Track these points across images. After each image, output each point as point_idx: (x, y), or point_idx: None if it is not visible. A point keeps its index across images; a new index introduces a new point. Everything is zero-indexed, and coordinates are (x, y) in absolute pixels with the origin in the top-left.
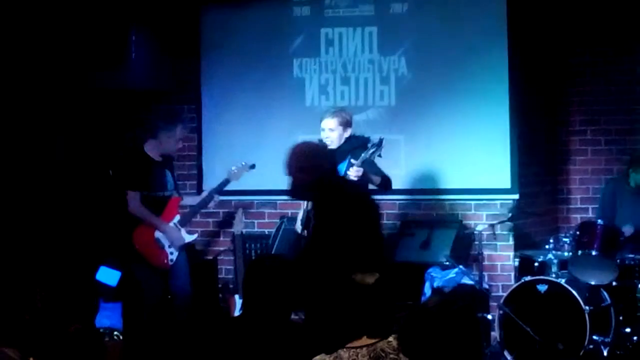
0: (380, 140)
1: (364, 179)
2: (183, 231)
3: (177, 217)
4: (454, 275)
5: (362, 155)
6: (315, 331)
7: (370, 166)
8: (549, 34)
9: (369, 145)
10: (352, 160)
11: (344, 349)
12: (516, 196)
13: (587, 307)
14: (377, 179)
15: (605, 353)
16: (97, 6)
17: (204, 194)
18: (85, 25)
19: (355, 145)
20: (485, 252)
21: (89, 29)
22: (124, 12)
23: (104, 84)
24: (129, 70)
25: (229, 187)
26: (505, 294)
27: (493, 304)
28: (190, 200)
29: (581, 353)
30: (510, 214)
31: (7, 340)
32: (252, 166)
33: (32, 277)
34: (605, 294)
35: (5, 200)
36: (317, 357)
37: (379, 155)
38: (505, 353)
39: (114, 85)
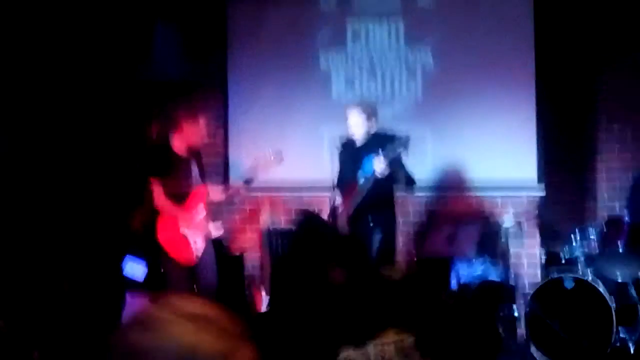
0: (407, 138)
1: (389, 176)
2: (208, 225)
3: (203, 210)
4: (480, 270)
5: (389, 152)
6: (342, 326)
7: (397, 164)
8: (576, 28)
9: (396, 142)
10: (380, 156)
11: (371, 345)
12: (543, 192)
13: (613, 304)
14: (402, 178)
15: (632, 350)
16: None
17: (231, 190)
18: (112, 18)
19: (382, 140)
20: (512, 248)
21: (115, 22)
22: (150, 4)
23: (131, 77)
24: (155, 63)
25: (255, 183)
26: (531, 290)
27: (519, 300)
28: (215, 195)
29: (608, 349)
30: (536, 210)
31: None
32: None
33: (59, 272)
34: (633, 290)
35: (35, 193)
36: (344, 352)
37: (406, 153)
38: (532, 349)
39: (141, 77)
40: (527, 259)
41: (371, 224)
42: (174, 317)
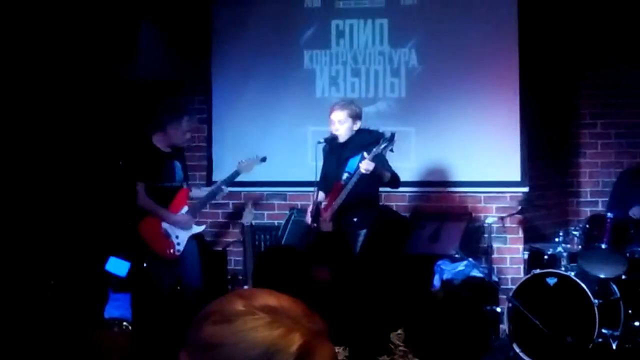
0: (392, 135)
1: (374, 174)
2: (191, 221)
3: (185, 208)
4: (463, 267)
5: (374, 149)
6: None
7: (381, 161)
8: (560, 27)
9: (381, 139)
10: (365, 154)
11: None
12: (526, 189)
13: (596, 301)
14: (387, 175)
15: (614, 346)
16: None
17: (213, 186)
18: (95, 17)
19: (366, 139)
20: (495, 245)
21: (98, 21)
22: (134, 3)
23: (114, 76)
24: (139, 62)
25: (238, 178)
26: (514, 287)
27: (502, 296)
28: (198, 192)
29: (590, 346)
30: (519, 207)
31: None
32: (263, 159)
33: (43, 267)
34: (615, 287)
35: (17, 192)
36: None
37: (391, 150)
38: (514, 346)
39: (124, 77)
40: (510, 255)
41: (355, 221)
42: (249, 309)
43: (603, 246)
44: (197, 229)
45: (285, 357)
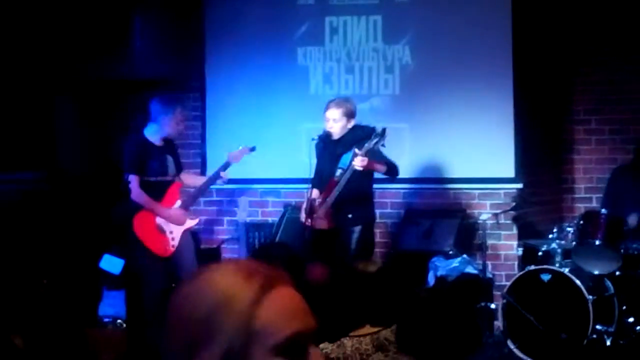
0: (383, 130)
1: (368, 169)
2: (184, 216)
3: (179, 203)
4: (458, 264)
5: (366, 145)
6: (318, 319)
7: (375, 155)
8: (553, 23)
9: (372, 135)
10: (357, 150)
11: (347, 338)
12: (520, 185)
13: (590, 297)
14: (382, 168)
15: (608, 343)
16: None
17: (205, 178)
18: (88, 14)
19: (359, 135)
20: (489, 242)
21: (91, 17)
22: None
23: (108, 74)
24: (132, 59)
25: (232, 176)
26: (508, 283)
27: (496, 293)
28: (192, 181)
29: (584, 342)
30: (514, 203)
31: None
32: (252, 148)
33: (36, 265)
34: (609, 283)
35: (10, 190)
36: (320, 345)
37: (383, 145)
38: (509, 342)
39: (118, 75)
40: (504, 251)
41: (349, 218)
42: (216, 266)
43: (597, 242)
44: (190, 223)
45: (246, 295)
